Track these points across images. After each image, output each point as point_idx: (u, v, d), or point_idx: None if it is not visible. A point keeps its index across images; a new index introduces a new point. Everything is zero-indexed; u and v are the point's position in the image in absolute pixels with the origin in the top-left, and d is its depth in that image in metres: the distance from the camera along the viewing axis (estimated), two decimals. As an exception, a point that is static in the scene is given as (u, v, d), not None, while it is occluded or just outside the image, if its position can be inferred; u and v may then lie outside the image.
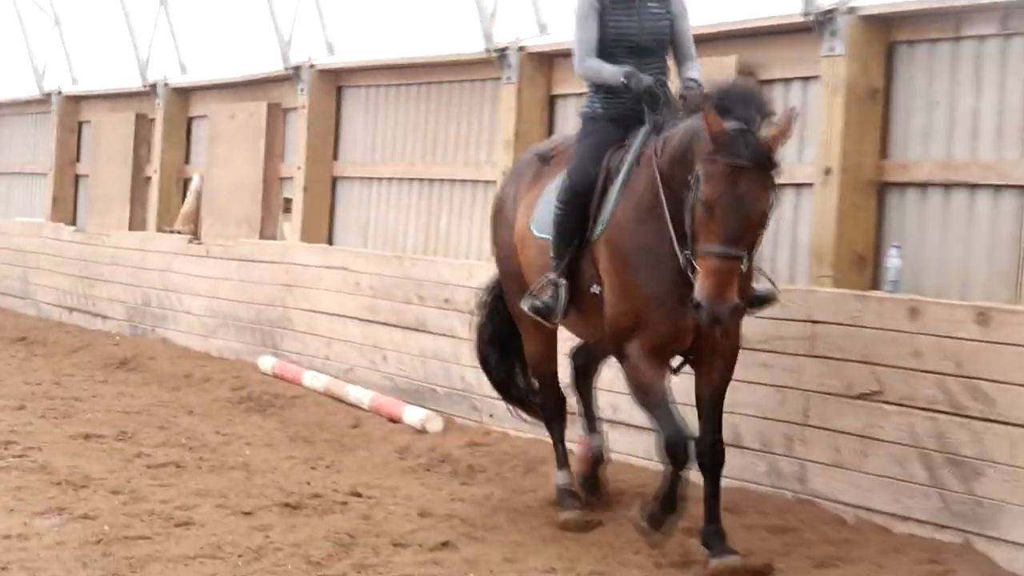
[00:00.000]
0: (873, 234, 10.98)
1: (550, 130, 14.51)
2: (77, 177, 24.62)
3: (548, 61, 14.51)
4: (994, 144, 10.36)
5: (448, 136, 16.12)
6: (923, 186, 10.89)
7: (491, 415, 12.95)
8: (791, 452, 9.98)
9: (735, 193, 7.97)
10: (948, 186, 10.71)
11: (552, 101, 14.57)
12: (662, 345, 8.92)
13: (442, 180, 16.18)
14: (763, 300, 9.22)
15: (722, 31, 11.86)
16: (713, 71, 10.13)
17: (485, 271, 13.23)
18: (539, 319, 9.75)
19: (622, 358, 9.08)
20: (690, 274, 8.26)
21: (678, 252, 8.45)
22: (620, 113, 9.57)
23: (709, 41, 11.45)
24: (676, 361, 9.18)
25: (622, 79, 9.35)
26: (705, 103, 8.19)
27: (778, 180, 8.23)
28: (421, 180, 16.52)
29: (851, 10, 10.96)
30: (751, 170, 8.00)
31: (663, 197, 8.65)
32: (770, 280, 9.32)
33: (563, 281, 9.45)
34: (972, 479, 8.81)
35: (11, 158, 26.99)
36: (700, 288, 8.00)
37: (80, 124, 24.59)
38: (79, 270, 21.69)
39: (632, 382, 9.10)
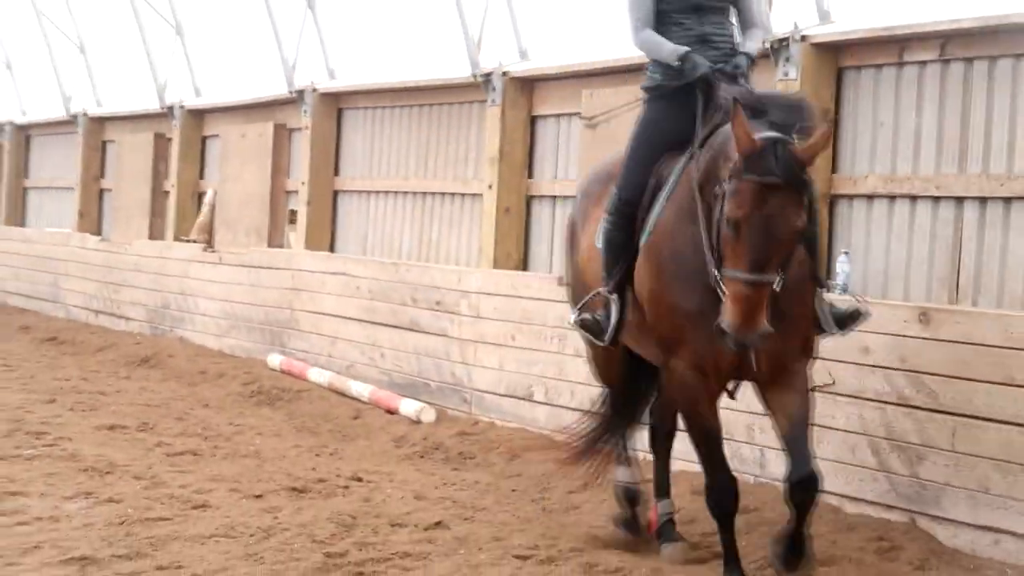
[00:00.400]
0: (825, 241, 10.98)
1: (531, 148, 14.53)
2: (101, 191, 24.59)
3: (529, 85, 14.51)
4: (934, 160, 10.40)
5: (439, 153, 16.12)
6: (869, 198, 10.93)
7: (479, 407, 12.96)
8: (752, 440, 9.97)
9: (764, 213, 6.74)
10: (892, 198, 10.75)
11: (533, 121, 14.58)
12: (705, 363, 7.53)
13: (433, 193, 16.18)
14: (849, 318, 7.85)
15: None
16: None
17: (473, 276, 13.28)
18: (588, 336, 8.50)
19: (666, 375, 7.91)
20: (720, 294, 6.97)
21: (710, 270, 7.11)
22: (682, 85, 7.93)
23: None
24: (731, 384, 7.86)
25: (677, 61, 7.89)
26: (735, 109, 6.87)
27: (813, 194, 7.23)
28: (414, 193, 16.51)
29: (804, 38, 10.99)
30: (782, 188, 6.75)
31: (699, 209, 7.31)
32: (856, 297, 8.28)
33: (615, 296, 8.16)
34: (916, 464, 8.82)
35: (41, 174, 26.94)
36: (725, 314, 6.80)
37: (104, 143, 24.55)
38: (104, 276, 21.64)
39: (677, 401, 8.05)
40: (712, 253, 7.08)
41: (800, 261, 7.37)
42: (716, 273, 7.00)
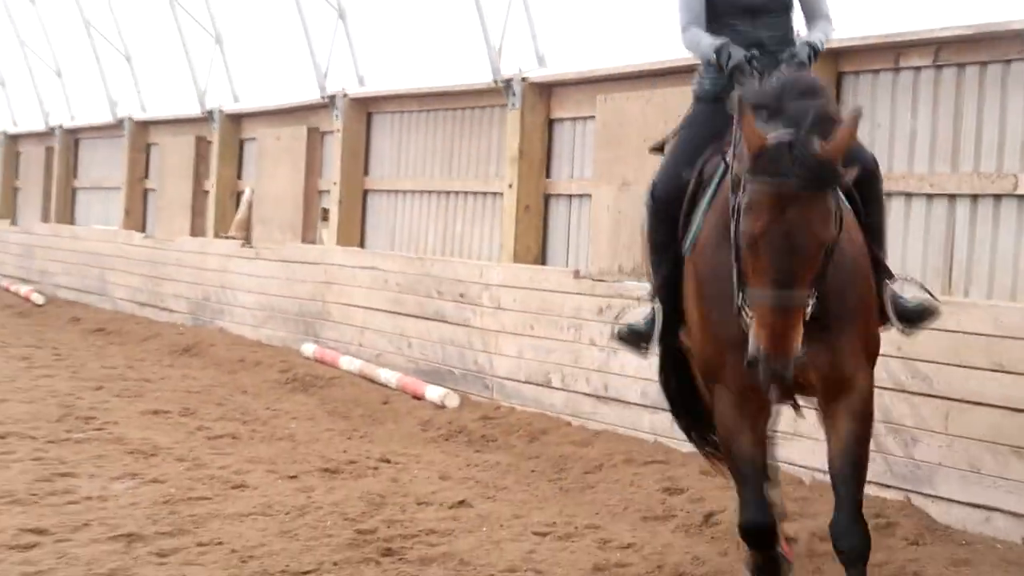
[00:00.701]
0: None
1: (549, 149, 14.52)
2: (146, 191, 24.62)
3: (547, 90, 14.49)
4: (928, 159, 10.36)
5: (462, 154, 16.11)
6: (868, 195, 10.89)
7: (500, 393, 12.96)
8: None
9: (782, 222, 5.52)
10: (889, 195, 10.68)
11: (551, 124, 14.55)
12: (748, 390, 6.29)
13: (457, 192, 16.16)
14: (918, 315, 6.84)
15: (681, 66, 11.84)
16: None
17: (494, 270, 13.28)
18: (627, 347, 7.41)
19: (712, 400, 6.67)
20: (745, 322, 5.82)
21: (734, 293, 5.94)
22: (726, 84, 6.79)
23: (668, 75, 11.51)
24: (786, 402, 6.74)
25: (713, 53, 6.80)
26: (741, 104, 5.73)
27: (840, 197, 5.82)
28: (439, 192, 16.50)
29: (806, 44, 10.95)
30: (802, 191, 5.52)
31: (731, 221, 5.93)
32: (924, 288, 7.12)
33: (659, 304, 7.08)
34: (911, 445, 8.81)
35: (90, 175, 26.98)
36: (754, 340, 5.59)
37: (148, 146, 24.58)
38: (148, 270, 21.68)
39: (717, 428, 6.74)
40: (736, 274, 5.87)
41: (858, 249, 6.36)
42: (739, 297, 5.86)
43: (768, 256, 5.58)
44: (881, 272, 6.71)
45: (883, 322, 6.71)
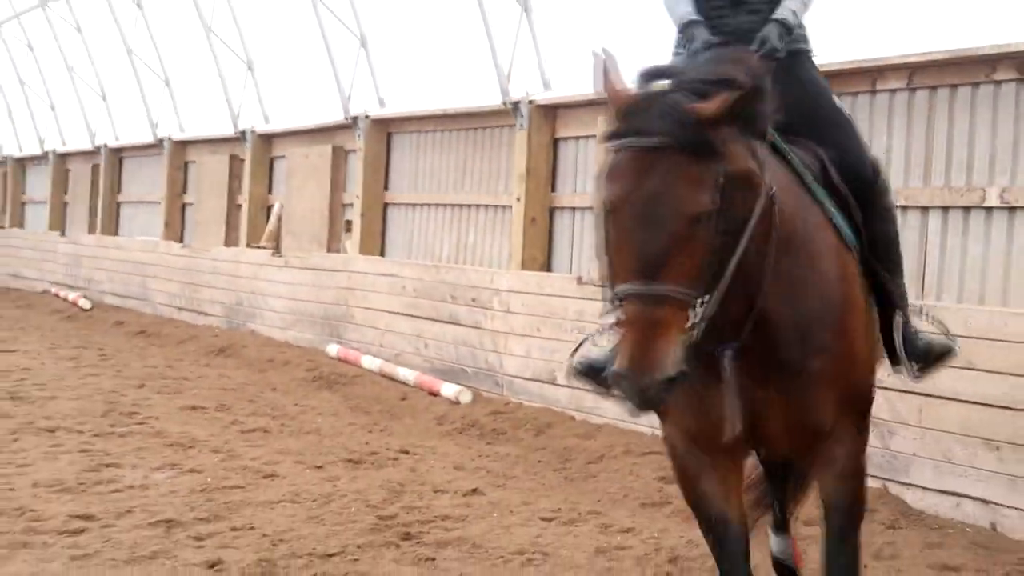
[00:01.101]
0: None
1: (554, 166, 14.53)
2: (183, 205, 24.64)
3: (552, 112, 14.50)
4: (903, 174, 10.36)
5: (474, 171, 16.12)
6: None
7: (509, 390, 12.96)
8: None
9: (642, 192, 3.89)
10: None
11: (556, 143, 14.55)
12: (696, 430, 4.73)
13: (469, 205, 16.17)
14: (936, 356, 5.30)
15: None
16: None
17: (504, 276, 13.29)
18: (589, 384, 5.17)
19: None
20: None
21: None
22: None
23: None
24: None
25: (679, 27, 5.46)
26: (597, 60, 4.35)
27: (726, 167, 3.98)
28: (453, 205, 16.51)
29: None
30: (667, 151, 3.90)
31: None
32: (938, 321, 5.62)
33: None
34: (888, 437, 8.80)
35: (132, 190, 27.00)
36: (617, 351, 3.92)
37: (186, 163, 24.60)
38: (186, 278, 21.71)
39: (676, 478, 5.08)
40: (608, 271, 4.08)
41: (834, 270, 4.67)
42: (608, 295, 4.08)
43: (625, 234, 3.95)
44: (889, 300, 5.14)
45: (895, 363, 5.27)
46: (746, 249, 4.12)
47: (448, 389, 13.28)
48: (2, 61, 31.11)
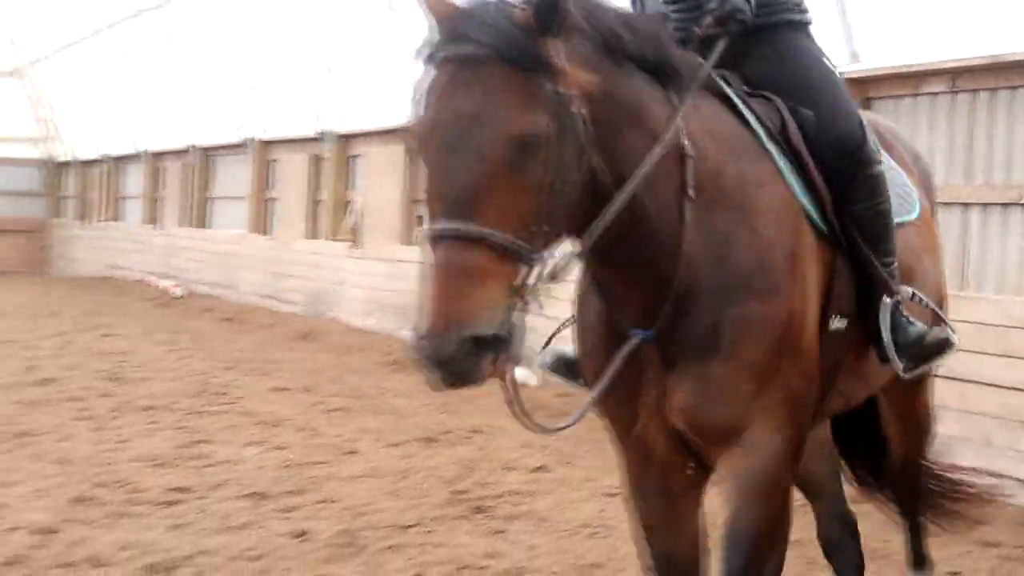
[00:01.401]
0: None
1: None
2: (268, 200, 24.81)
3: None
4: (945, 173, 10.30)
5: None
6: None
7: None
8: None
9: (457, 108, 3.07)
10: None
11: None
12: (628, 434, 4.17)
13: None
14: (932, 349, 4.13)
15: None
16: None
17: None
18: (564, 380, 4.82)
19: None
20: None
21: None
22: None
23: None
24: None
25: None
26: None
27: (559, 88, 3.13)
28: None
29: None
30: (488, 63, 3.08)
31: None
32: (934, 308, 4.43)
33: None
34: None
35: (221, 187, 27.19)
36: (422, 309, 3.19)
37: (270, 162, 24.73)
38: (271, 268, 21.87)
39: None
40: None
41: (790, 230, 3.68)
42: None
43: (437, 162, 3.11)
44: (875, 285, 4.04)
45: (881, 356, 4.10)
46: (642, 207, 3.36)
47: (517, 372, 13.29)
48: (102, 67, 31.35)
